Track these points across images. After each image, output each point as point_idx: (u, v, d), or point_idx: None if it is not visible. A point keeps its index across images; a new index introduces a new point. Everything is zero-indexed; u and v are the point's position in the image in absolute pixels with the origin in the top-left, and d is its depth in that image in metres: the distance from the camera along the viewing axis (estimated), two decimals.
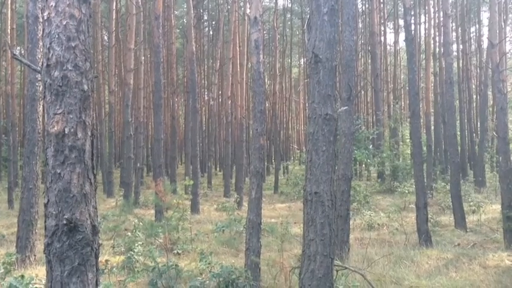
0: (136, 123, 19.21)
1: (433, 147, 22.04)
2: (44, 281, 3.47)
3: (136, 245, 7.11)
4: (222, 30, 25.34)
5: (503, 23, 21.41)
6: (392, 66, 32.55)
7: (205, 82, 33.87)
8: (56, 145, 2.53)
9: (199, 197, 15.18)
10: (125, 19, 23.68)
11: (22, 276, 4.59)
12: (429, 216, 9.90)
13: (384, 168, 21.41)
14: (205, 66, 34.10)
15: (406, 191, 15.38)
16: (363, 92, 31.75)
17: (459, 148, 20.53)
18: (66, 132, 2.53)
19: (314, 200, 3.88)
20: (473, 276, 6.45)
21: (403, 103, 32.37)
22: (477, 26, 29.87)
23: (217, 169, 35.15)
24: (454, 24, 26.45)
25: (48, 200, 2.56)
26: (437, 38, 24.39)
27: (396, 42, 32.28)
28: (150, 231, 7.57)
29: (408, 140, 21.17)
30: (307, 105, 4.52)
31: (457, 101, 26.33)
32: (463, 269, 6.87)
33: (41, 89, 6.81)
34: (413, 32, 11.79)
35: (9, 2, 17.72)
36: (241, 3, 23.75)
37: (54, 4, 2.59)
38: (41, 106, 7.12)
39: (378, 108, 22.53)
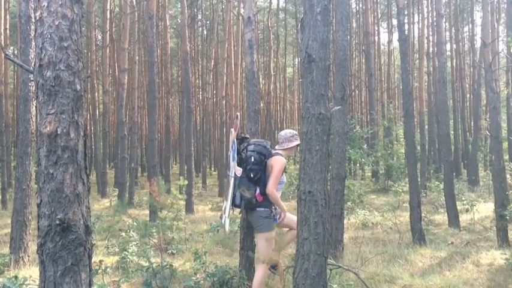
0: (130, 123, 19.18)
1: (426, 146, 22.16)
2: (37, 282, 3.46)
3: (130, 245, 7.09)
4: (216, 29, 25.34)
5: (495, 23, 21.54)
6: (386, 65, 32.68)
7: (200, 82, 33.85)
8: (48, 145, 2.53)
9: (194, 196, 15.17)
10: (118, 19, 23.64)
11: (16, 277, 4.58)
12: (423, 215, 9.94)
13: (378, 167, 21.48)
14: (200, 66, 34.08)
15: (400, 190, 15.44)
16: (357, 92, 31.84)
17: (453, 147, 20.67)
18: (58, 132, 2.53)
19: (308, 199, 3.89)
20: (466, 274, 6.48)
21: (397, 102, 32.51)
22: (470, 25, 30.05)
23: (212, 169, 35.14)
24: (447, 23, 26.59)
25: (41, 200, 2.56)
26: (430, 38, 24.51)
27: (390, 41, 32.41)
28: (144, 231, 7.55)
29: (402, 139, 21.25)
30: (301, 104, 4.54)
31: (451, 100, 26.51)
32: (457, 267, 6.90)
33: (33, 89, 6.77)
34: (406, 31, 11.82)
35: (2, 2, 17.63)
36: (236, 3, 23.73)
37: (46, 4, 2.59)
38: (34, 106, 7.08)
39: (372, 107, 22.59)
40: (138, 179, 22.89)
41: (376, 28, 29.76)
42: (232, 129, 5.00)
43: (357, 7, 32.52)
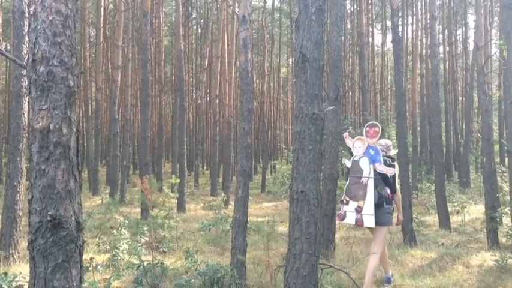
0: (123, 120, 19.10)
1: (418, 147, 22.25)
2: (27, 278, 3.44)
3: (121, 243, 7.07)
4: (210, 28, 25.31)
5: (488, 26, 21.69)
6: (379, 67, 32.75)
7: (193, 80, 33.76)
8: (40, 141, 2.51)
9: (186, 195, 15.14)
10: (113, 16, 23.54)
11: (5, 274, 4.55)
12: (414, 216, 9.98)
13: None
14: (194, 65, 33.98)
15: None
16: (350, 93, 31.87)
17: (444, 149, 20.76)
18: (51, 128, 2.51)
19: (300, 199, 3.90)
20: (456, 275, 6.52)
21: (389, 104, 32.60)
22: (463, 28, 30.17)
23: (205, 168, 35.08)
24: (440, 26, 26.71)
25: (32, 196, 2.54)
26: (424, 40, 24.63)
27: (384, 43, 32.47)
28: (136, 229, 7.53)
29: (394, 141, 21.33)
30: (294, 104, 4.60)
31: (443, 103, 26.62)
32: (447, 268, 6.94)
33: (26, 84, 6.72)
34: (400, 33, 11.87)
35: None
36: (230, 2, 23.68)
37: None
38: (26, 102, 7.03)
39: (365, 108, 22.59)
40: (130, 177, 22.79)
41: (370, 29, 29.83)
42: (368, 138, 5.45)
43: (352, 8, 32.55)
